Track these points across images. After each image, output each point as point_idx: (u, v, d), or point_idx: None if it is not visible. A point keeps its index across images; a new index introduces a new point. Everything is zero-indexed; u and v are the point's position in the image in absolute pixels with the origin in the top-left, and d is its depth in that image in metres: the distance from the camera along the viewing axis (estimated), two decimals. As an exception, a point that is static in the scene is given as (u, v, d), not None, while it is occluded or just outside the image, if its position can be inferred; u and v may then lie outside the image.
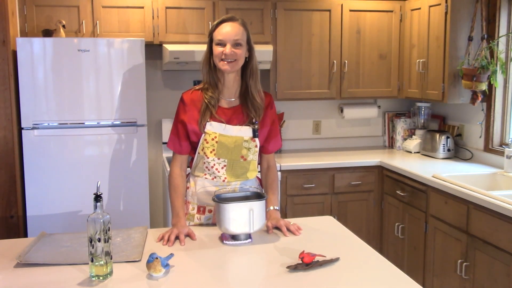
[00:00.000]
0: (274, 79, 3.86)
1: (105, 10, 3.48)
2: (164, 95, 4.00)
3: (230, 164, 2.14)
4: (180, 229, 2.01)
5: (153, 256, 1.64)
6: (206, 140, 2.12)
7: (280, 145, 2.30)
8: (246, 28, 2.10)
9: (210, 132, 2.11)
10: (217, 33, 2.06)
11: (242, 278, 1.69)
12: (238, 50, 2.05)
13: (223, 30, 2.05)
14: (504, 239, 2.54)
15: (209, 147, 2.12)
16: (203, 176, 2.17)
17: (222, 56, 2.04)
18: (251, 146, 2.15)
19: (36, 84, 3.07)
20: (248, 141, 2.14)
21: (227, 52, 2.03)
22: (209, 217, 2.21)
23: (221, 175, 2.15)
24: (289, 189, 3.67)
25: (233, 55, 2.04)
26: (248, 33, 2.10)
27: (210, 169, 2.15)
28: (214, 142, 2.11)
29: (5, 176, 3.10)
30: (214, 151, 2.12)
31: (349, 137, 4.43)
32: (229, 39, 2.03)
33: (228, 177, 2.16)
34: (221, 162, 2.14)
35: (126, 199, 3.27)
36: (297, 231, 2.07)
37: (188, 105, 2.14)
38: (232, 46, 2.04)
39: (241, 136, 2.13)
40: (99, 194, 1.64)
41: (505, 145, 3.40)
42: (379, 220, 3.86)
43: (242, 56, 2.08)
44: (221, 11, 3.66)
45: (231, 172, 2.16)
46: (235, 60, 2.06)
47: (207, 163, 2.14)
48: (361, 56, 3.99)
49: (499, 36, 3.38)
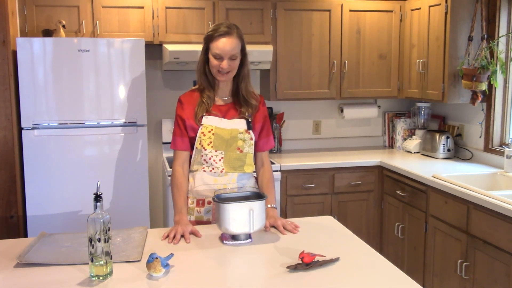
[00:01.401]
0: (274, 79, 3.86)
1: (105, 10, 3.48)
2: (164, 95, 4.00)
3: (227, 156, 2.21)
4: (184, 227, 2.05)
5: (153, 256, 1.65)
6: (203, 133, 2.20)
7: (272, 144, 2.39)
8: (241, 38, 2.20)
9: (207, 125, 2.21)
10: (214, 46, 2.15)
11: (242, 278, 1.69)
12: (233, 63, 2.18)
13: (221, 44, 2.14)
14: (504, 239, 2.54)
15: (206, 140, 2.20)
16: (201, 169, 2.23)
17: (219, 68, 2.17)
18: (246, 138, 2.23)
19: (36, 84, 3.08)
20: (243, 133, 2.23)
21: (224, 66, 2.15)
22: (209, 209, 2.25)
23: (219, 166, 2.22)
24: (289, 189, 3.67)
25: (228, 68, 2.17)
26: (243, 42, 2.21)
27: (208, 161, 2.22)
28: (211, 134, 2.20)
29: (5, 176, 3.10)
30: (211, 143, 2.21)
31: (349, 137, 4.43)
32: (226, 54, 2.14)
33: (226, 168, 2.22)
34: (218, 154, 2.21)
35: (126, 199, 3.27)
36: (294, 229, 2.10)
37: (185, 104, 2.26)
38: (228, 60, 2.15)
39: (236, 128, 2.23)
40: (99, 194, 1.65)
41: (505, 145, 3.40)
42: (379, 220, 3.86)
43: (236, 67, 2.21)
44: (221, 11, 3.66)
45: (228, 164, 2.22)
46: (230, 71, 2.19)
47: (205, 155, 2.22)
48: (361, 56, 3.99)
49: (499, 36, 3.38)
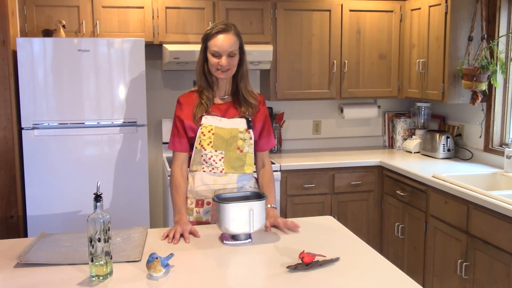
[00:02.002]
0: (274, 79, 3.86)
1: (105, 10, 3.48)
2: (164, 95, 4.00)
3: (227, 156, 2.20)
4: (183, 227, 2.05)
5: (153, 256, 1.65)
6: (203, 133, 2.19)
7: (273, 144, 2.38)
8: (239, 36, 2.19)
9: (207, 125, 2.20)
10: (212, 44, 2.15)
11: (242, 278, 1.69)
12: (232, 60, 2.17)
13: (219, 42, 2.13)
14: (504, 239, 2.54)
15: (206, 140, 2.19)
16: (201, 169, 2.22)
17: (218, 66, 2.16)
18: (246, 138, 2.22)
19: (36, 84, 3.07)
20: (243, 132, 2.22)
21: (223, 63, 2.14)
22: (208, 210, 2.24)
23: (219, 166, 2.21)
24: (289, 189, 3.67)
25: (228, 65, 2.16)
26: (241, 40, 2.20)
27: (207, 161, 2.21)
28: (210, 134, 2.19)
29: (5, 176, 3.10)
30: (211, 143, 2.19)
31: (349, 137, 4.43)
32: (224, 51, 2.13)
33: (226, 168, 2.21)
34: (218, 154, 2.20)
35: (126, 199, 3.27)
36: (295, 228, 2.10)
37: (184, 104, 2.25)
38: (227, 57, 2.14)
39: (236, 128, 2.22)
40: (99, 194, 1.64)
41: (505, 145, 3.40)
42: (379, 220, 3.86)
43: (235, 64, 2.20)
44: (221, 11, 3.66)
45: (228, 164, 2.21)
46: (230, 69, 2.18)
47: (205, 155, 2.20)
48: (361, 56, 3.99)
49: (499, 36, 3.38)
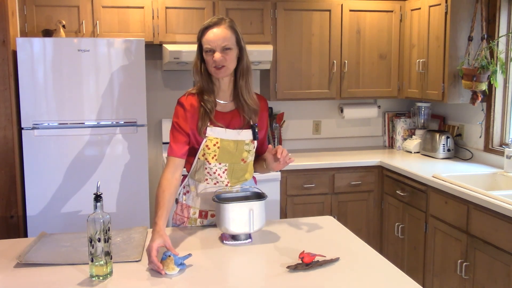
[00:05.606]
0: (274, 79, 3.86)
1: (105, 10, 3.48)
2: (164, 95, 4.00)
3: (230, 168, 2.11)
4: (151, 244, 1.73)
5: (166, 254, 1.64)
6: (208, 146, 2.06)
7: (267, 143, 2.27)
8: (234, 29, 2.02)
9: (212, 138, 2.05)
10: (204, 40, 1.99)
11: (242, 278, 1.69)
12: (227, 55, 1.98)
13: (210, 36, 1.97)
14: (504, 239, 2.54)
15: (211, 153, 2.07)
16: (205, 181, 2.13)
17: (213, 63, 1.99)
18: (251, 148, 2.14)
19: (36, 84, 3.07)
20: (248, 144, 2.11)
21: (216, 59, 1.97)
22: (212, 221, 2.18)
23: (224, 179, 2.11)
24: (289, 189, 3.67)
25: (222, 61, 1.98)
26: (238, 34, 2.02)
27: (212, 175, 2.10)
28: (216, 147, 2.06)
29: (5, 176, 3.10)
30: (216, 157, 2.07)
31: (349, 137, 4.43)
32: (217, 46, 1.97)
33: (230, 181, 2.13)
34: (222, 166, 2.10)
35: (126, 199, 3.27)
36: (289, 160, 2.02)
37: (189, 111, 2.06)
38: (221, 51, 1.97)
39: (242, 140, 2.09)
40: (99, 194, 1.64)
41: (505, 145, 3.40)
42: (379, 220, 3.86)
43: (232, 60, 2.02)
44: (221, 11, 3.65)
45: (232, 175, 2.12)
46: (225, 66, 2.00)
47: (209, 169, 2.09)
48: (361, 56, 3.99)
49: (499, 36, 3.38)
